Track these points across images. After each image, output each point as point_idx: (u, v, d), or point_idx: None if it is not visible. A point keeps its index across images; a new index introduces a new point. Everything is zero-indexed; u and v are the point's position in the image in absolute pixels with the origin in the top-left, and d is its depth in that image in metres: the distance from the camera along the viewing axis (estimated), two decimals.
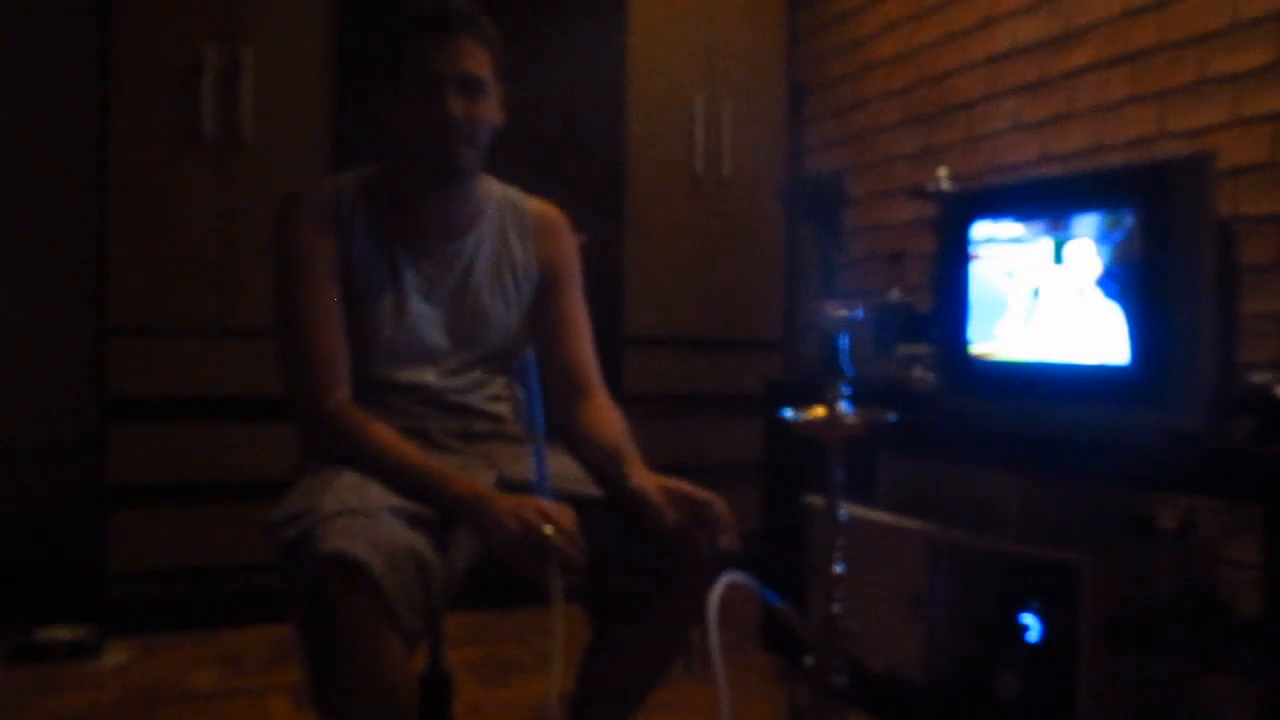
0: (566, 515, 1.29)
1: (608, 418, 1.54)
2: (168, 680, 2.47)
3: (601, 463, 1.47)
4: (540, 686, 2.21)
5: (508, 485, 1.43)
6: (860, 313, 1.33)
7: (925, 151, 3.05)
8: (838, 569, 1.34)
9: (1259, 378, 1.69)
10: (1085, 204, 1.87)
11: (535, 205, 1.67)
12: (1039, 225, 1.97)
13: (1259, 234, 2.10)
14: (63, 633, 2.62)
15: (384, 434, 1.40)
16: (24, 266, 3.24)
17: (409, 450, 1.39)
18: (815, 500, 2.42)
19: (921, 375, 2.23)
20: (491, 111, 1.51)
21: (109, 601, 2.76)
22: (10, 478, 3.20)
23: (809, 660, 1.33)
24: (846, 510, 1.36)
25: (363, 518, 1.23)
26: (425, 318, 1.53)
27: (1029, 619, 2.00)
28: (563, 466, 1.50)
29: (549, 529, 1.26)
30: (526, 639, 2.77)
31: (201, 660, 2.61)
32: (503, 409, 1.61)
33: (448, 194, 1.55)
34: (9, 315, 3.23)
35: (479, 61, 1.47)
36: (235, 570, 2.83)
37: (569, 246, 1.67)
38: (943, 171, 2.54)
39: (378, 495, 1.30)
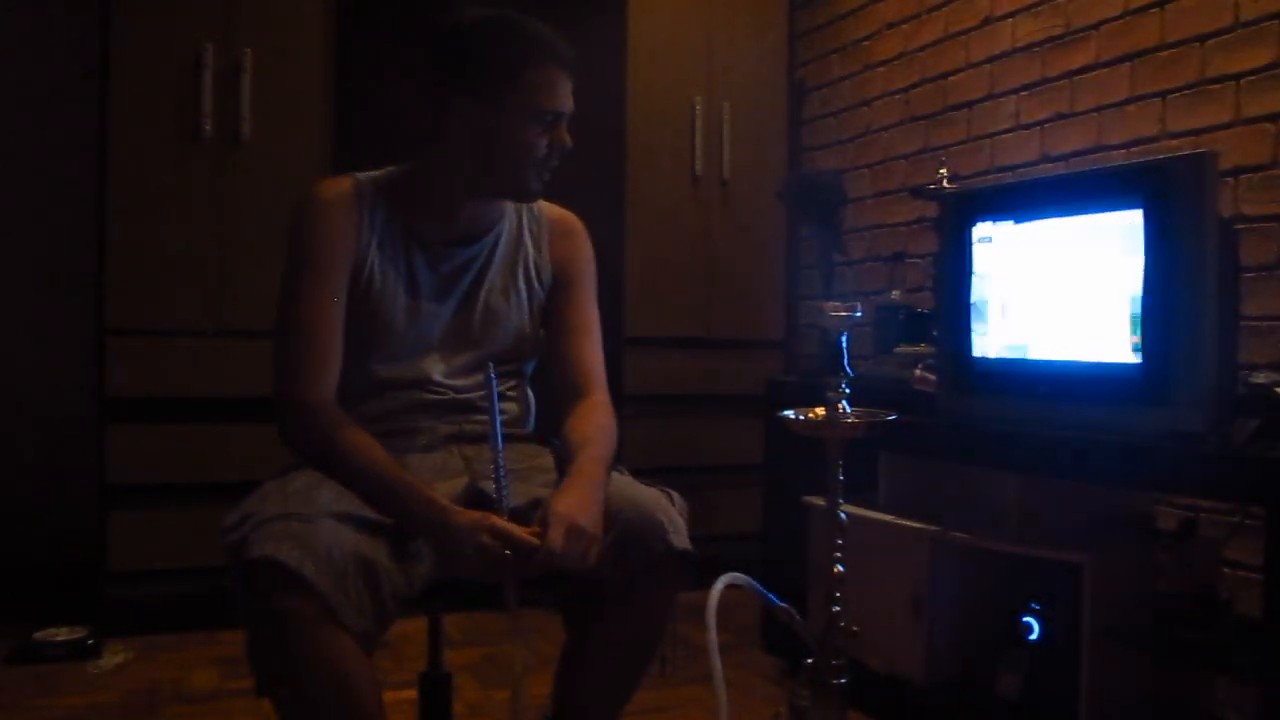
0: (522, 533, 1.29)
1: (588, 421, 1.52)
2: (168, 680, 2.47)
3: (564, 469, 1.46)
4: (540, 689, 2.22)
5: (476, 494, 1.43)
6: (860, 313, 1.33)
7: (925, 151, 3.05)
8: (838, 569, 1.34)
9: (1260, 378, 1.68)
10: (1087, 203, 1.87)
11: (551, 209, 1.67)
12: (1040, 225, 1.97)
13: (1260, 234, 2.09)
14: (62, 633, 2.62)
15: (355, 437, 1.39)
16: (23, 267, 3.24)
17: (377, 456, 1.37)
18: (815, 500, 2.42)
19: (922, 375, 2.23)
20: None
21: (108, 601, 2.76)
22: (10, 478, 3.20)
23: (809, 660, 1.33)
24: (846, 510, 1.36)
25: (298, 522, 1.23)
26: (438, 316, 1.54)
27: (1030, 619, 1.99)
28: (542, 471, 1.51)
29: (505, 549, 1.27)
30: (526, 640, 2.76)
31: (201, 660, 2.61)
32: (511, 409, 1.62)
33: (481, 202, 1.56)
34: (8, 315, 3.23)
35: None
36: None
37: (585, 250, 1.68)
38: (943, 172, 2.54)
39: (325, 500, 1.29)
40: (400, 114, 2.18)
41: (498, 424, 1.35)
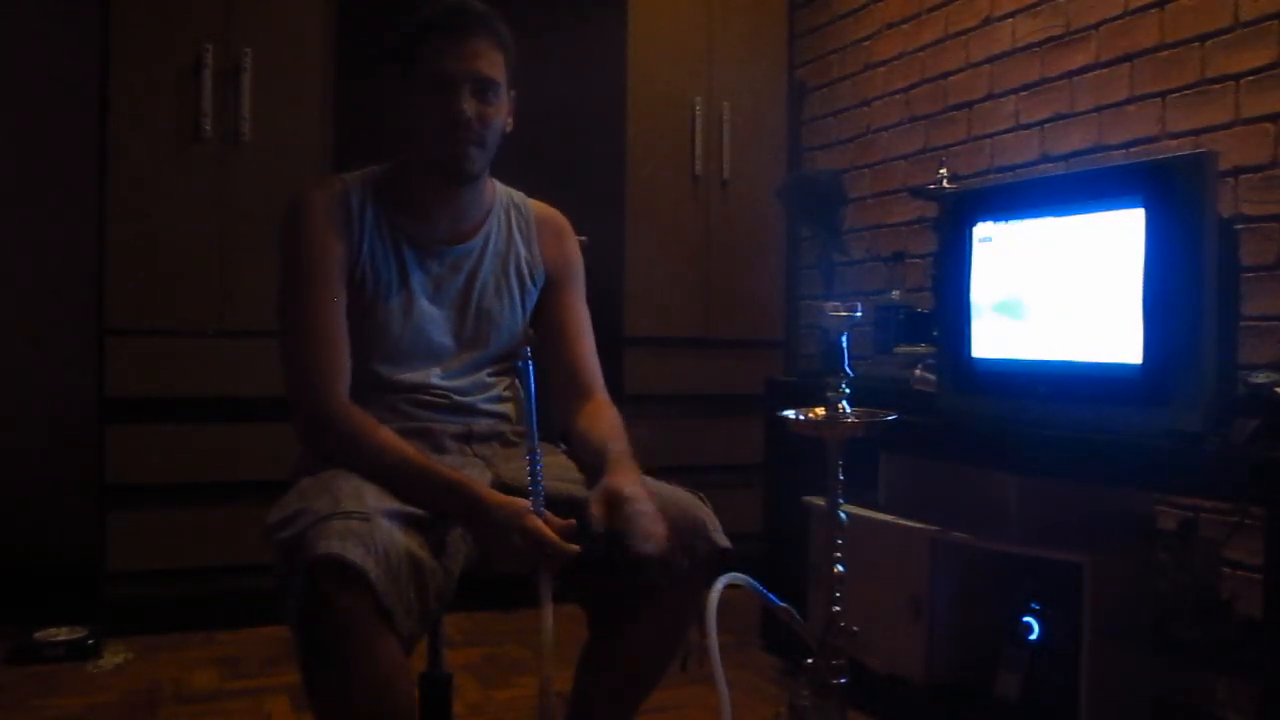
0: (561, 526, 1.30)
1: (603, 419, 1.53)
2: (167, 680, 2.47)
3: (591, 463, 1.47)
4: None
5: (503, 489, 1.43)
6: (860, 313, 1.32)
7: (925, 151, 3.05)
8: (838, 569, 1.34)
9: (1260, 378, 1.68)
10: (1087, 203, 1.87)
11: (539, 207, 1.68)
12: (1040, 224, 1.97)
13: (1260, 234, 2.09)
14: (62, 633, 2.62)
15: (384, 435, 1.40)
16: (24, 267, 3.24)
17: (409, 451, 1.38)
18: (815, 500, 2.42)
19: (922, 375, 2.23)
20: (502, 114, 1.51)
21: (108, 602, 2.75)
22: (10, 478, 3.20)
23: (809, 660, 1.33)
24: (846, 510, 1.36)
25: (358, 520, 1.22)
26: (432, 318, 1.54)
27: (1030, 619, 1.99)
28: (561, 468, 1.51)
29: (545, 544, 1.27)
30: (527, 639, 2.76)
31: (201, 660, 2.61)
32: (507, 410, 1.62)
33: (457, 195, 1.55)
34: (9, 315, 3.23)
35: (492, 64, 1.48)
36: (234, 570, 2.82)
37: (573, 249, 1.68)
38: (944, 172, 2.54)
39: (374, 498, 1.29)
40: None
41: (534, 422, 1.35)
